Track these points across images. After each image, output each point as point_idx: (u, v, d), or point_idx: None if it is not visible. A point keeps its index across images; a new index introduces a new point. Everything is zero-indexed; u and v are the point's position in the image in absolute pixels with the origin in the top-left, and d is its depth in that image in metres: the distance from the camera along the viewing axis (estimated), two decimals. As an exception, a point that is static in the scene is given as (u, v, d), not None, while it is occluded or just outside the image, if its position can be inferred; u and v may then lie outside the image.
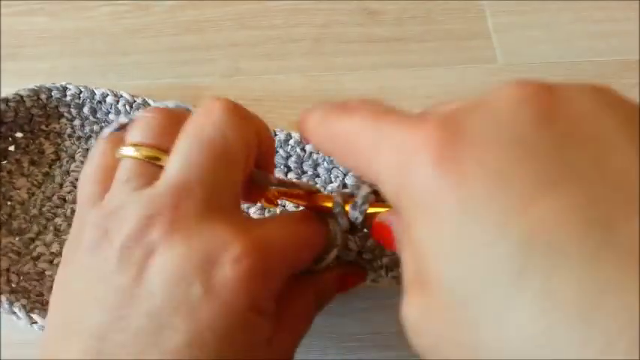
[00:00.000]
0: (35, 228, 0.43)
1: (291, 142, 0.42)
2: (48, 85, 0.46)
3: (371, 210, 0.27)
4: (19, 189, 0.45)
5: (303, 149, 0.42)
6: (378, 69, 0.51)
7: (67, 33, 0.53)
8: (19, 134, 0.46)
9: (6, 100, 0.45)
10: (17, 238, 0.42)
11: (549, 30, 0.53)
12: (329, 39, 0.53)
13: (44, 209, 0.44)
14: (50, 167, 0.46)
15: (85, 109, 0.46)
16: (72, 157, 0.46)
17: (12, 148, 0.46)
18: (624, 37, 0.52)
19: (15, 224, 0.43)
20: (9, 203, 0.44)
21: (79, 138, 0.46)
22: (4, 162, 0.45)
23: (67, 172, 0.45)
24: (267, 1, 0.55)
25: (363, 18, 0.54)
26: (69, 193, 0.44)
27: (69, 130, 0.47)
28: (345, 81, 0.51)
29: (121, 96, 0.44)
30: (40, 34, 0.53)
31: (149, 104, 0.44)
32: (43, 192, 0.44)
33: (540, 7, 0.54)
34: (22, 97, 0.45)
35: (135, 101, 0.44)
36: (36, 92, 0.46)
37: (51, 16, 0.54)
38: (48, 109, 0.46)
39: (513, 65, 0.51)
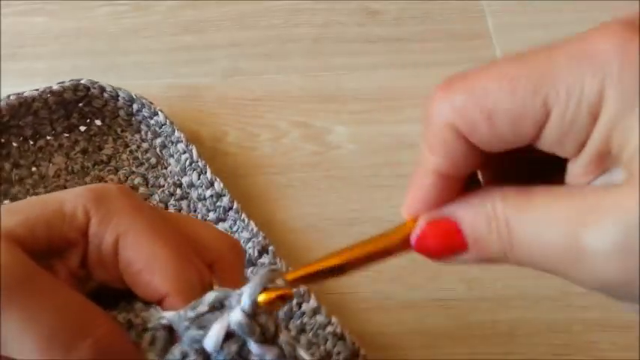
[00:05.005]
0: None
1: None
2: (144, 100, 0.45)
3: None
4: (52, 164, 0.44)
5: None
6: (377, 69, 0.51)
7: (67, 33, 0.53)
8: (97, 122, 0.46)
9: (101, 89, 0.44)
10: (7, 201, 0.41)
11: (549, 30, 0.53)
12: (328, 39, 0.53)
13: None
14: (94, 166, 0.44)
15: (158, 140, 0.45)
16: (116, 170, 0.44)
17: (82, 128, 0.45)
18: (624, 37, 0.52)
19: (14, 190, 0.42)
20: (33, 169, 0.44)
21: (135, 158, 0.45)
22: (67, 134, 0.45)
23: (100, 180, 0.44)
24: (266, 1, 0.55)
25: (362, 18, 0.54)
26: None
27: (134, 147, 0.45)
28: (344, 81, 0.51)
29: (192, 150, 0.43)
30: (40, 34, 0.53)
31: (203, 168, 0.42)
32: (67, 180, 0.43)
33: (540, 7, 0.54)
34: (118, 94, 0.44)
35: (195, 161, 0.42)
36: (131, 99, 0.44)
37: (51, 16, 0.54)
38: (134, 118, 0.45)
39: (513, 65, 0.51)
